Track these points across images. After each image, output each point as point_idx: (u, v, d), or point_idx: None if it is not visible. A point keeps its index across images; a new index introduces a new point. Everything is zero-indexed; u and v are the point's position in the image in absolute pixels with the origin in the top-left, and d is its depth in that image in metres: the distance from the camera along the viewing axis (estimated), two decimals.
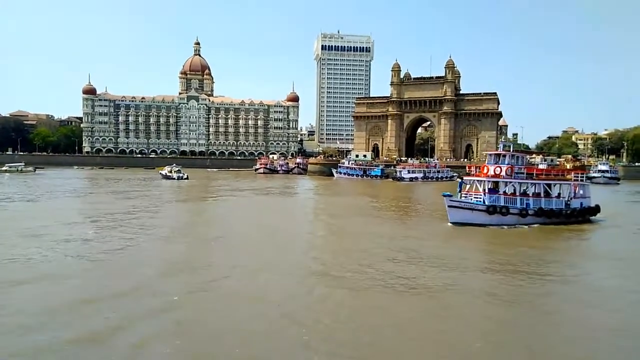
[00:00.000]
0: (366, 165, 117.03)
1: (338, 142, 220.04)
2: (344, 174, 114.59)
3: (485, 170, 34.54)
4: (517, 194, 33.63)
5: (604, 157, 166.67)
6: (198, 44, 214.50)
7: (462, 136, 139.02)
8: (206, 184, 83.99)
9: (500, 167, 33.76)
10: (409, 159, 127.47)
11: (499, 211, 31.75)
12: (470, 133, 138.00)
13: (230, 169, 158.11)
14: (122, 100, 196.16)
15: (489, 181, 33.48)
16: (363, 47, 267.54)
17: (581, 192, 37.41)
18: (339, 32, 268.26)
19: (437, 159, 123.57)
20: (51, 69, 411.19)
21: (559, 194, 35.80)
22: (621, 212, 45.70)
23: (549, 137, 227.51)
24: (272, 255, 22.72)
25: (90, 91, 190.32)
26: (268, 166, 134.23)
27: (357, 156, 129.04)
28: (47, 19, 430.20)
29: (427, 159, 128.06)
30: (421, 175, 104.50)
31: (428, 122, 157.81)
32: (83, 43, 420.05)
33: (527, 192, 34.04)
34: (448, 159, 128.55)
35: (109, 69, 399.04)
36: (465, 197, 33.55)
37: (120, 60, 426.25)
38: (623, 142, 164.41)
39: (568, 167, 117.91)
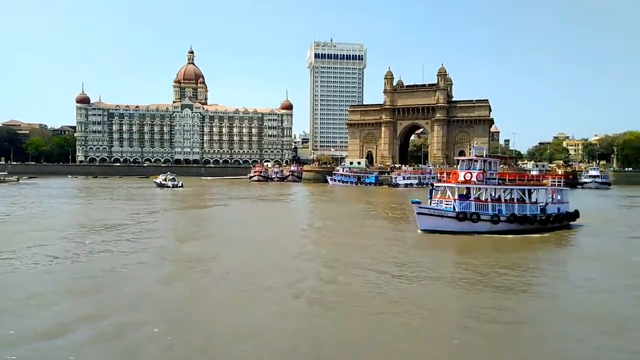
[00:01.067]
0: (360, 173, 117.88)
1: (332, 149, 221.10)
2: (339, 181, 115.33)
3: (456, 176, 33.74)
4: (489, 200, 32.55)
5: (594, 162, 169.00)
6: (192, 52, 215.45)
7: (454, 142, 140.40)
8: (201, 192, 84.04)
9: (470, 173, 32.83)
10: (403, 165, 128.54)
11: (470, 218, 30.79)
12: (462, 139, 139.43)
13: (225, 177, 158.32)
14: (116, 109, 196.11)
15: (459, 187, 32.85)
16: (356, 55, 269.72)
17: (559, 197, 36.50)
18: (332, 40, 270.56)
19: (432, 166, 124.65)
20: (44, 78, 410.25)
21: (535, 199, 34.71)
22: (606, 218, 45.32)
23: (540, 143, 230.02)
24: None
25: (83, 100, 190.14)
26: (262, 174, 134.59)
27: (351, 163, 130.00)
28: (38, 26, 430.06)
29: (420, 165, 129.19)
30: (416, 181, 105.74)
31: (421, 129, 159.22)
32: (76, 52, 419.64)
33: (500, 198, 33.16)
34: (441, 166, 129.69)
35: (103, 78, 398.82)
36: (437, 203, 32.65)
37: (113, 69, 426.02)
38: (613, 148, 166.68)
39: (559, 172, 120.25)
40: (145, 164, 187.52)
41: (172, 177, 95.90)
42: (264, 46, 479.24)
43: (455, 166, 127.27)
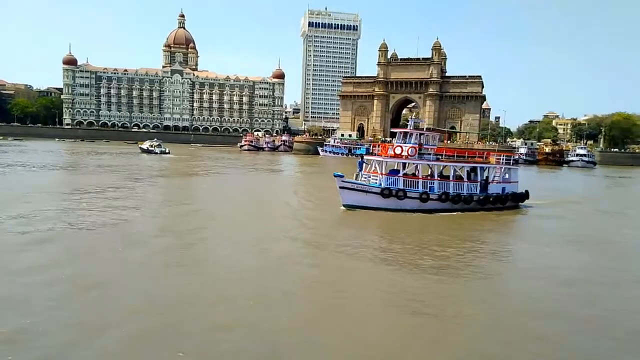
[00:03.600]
0: (351, 145, 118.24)
1: (323, 120, 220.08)
2: (330, 152, 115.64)
3: (385, 150, 31.50)
4: (420, 176, 30.41)
5: (582, 142, 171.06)
6: (183, 16, 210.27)
7: (446, 118, 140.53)
8: (190, 160, 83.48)
9: (401, 147, 30.59)
10: (393, 139, 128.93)
11: (395, 195, 28.71)
12: (454, 115, 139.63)
13: (215, 145, 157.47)
14: (104, 72, 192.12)
15: (387, 162, 30.44)
16: (350, 25, 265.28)
17: (506, 176, 34.28)
18: (326, 9, 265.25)
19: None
20: (29, 37, 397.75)
21: (474, 177, 32.30)
22: (569, 200, 42.36)
23: (530, 121, 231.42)
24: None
25: (70, 61, 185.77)
26: (253, 143, 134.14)
27: (342, 135, 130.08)
28: None
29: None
30: None
31: (413, 104, 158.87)
32: (63, 10, 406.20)
33: (434, 175, 30.95)
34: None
35: (91, 40, 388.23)
36: (366, 178, 30.56)
37: (101, 30, 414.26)
38: (601, 128, 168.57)
39: (547, 150, 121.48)
40: (134, 129, 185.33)
41: (157, 143, 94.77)
42: (257, 12, 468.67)
43: (446, 142, 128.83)
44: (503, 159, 34.89)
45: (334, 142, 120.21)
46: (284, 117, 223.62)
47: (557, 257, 20.00)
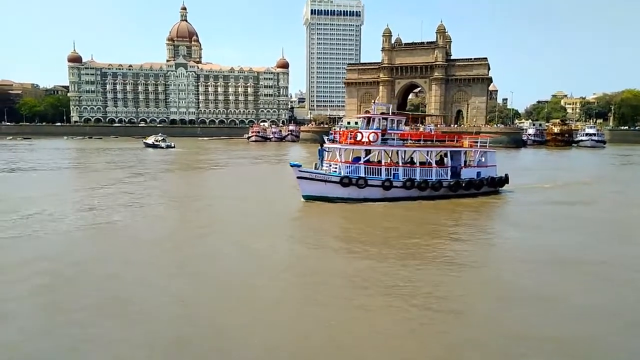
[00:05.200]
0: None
1: (329, 109, 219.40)
2: None
3: (344, 137, 29.62)
4: (383, 163, 28.67)
5: (591, 121, 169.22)
6: (185, 9, 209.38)
7: (452, 102, 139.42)
8: (197, 153, 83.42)
9: (361, 133, 28.82)
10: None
11: (355, 183, 27.17)
12: (460, 99, 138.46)
13: (222, 137, 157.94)
14: (109, 68, 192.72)
15: (346, 149, 28.87)
16: (353, 12, 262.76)
17: (482, 160, 32.43)
18: None
19: (432, 125, 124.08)
20: (34, 37, 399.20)
21: (445, 162, 30.72)
22: (557, 184, 38.99)
23: (538, 102, 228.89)
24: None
25: (75, 59, 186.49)
26: (260, 134, 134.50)
27: (348, 123, 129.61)
28: None
29: (418, 125, 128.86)
30: None
31: (419, 88, 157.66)
32: (66, 9, 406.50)
33: (398, 162, 29.41)
34: (438, 125, 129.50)
35: (94, 37, 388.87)
36: (328, 166, 28.92)
37: (104, 26, 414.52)
38: (610, 106, 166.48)
39: (555, 130, 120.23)
40: (141, 124, 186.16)
41: (162, 137, 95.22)
42: (259, 2, 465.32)
43: (453, 126, 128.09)
44: (479, 142, 33.38)
45: (340, 130, 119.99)
46: (289, 106, 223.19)
47: (501, 251, 18.31)
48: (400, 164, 29.09)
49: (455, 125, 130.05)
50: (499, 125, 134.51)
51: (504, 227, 22.97)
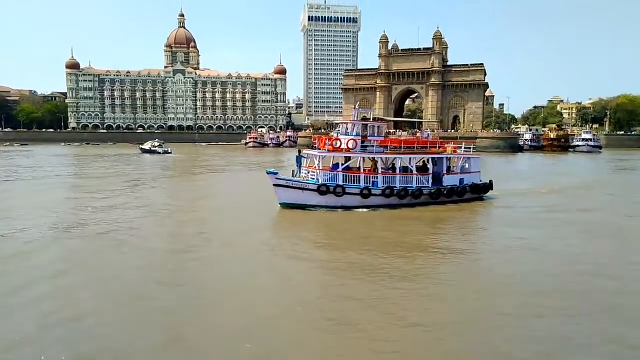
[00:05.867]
0: None
1: (327, 114, 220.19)
2: None
3: (323, 143, 28.59)
4: (362, 170, 28.08)
5: (587, 126, 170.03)
6: (182, 15, 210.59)
7: (449, 107, 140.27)
8: (194, 158, 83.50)
9: (340, 140, 28.04)
10: (398, 131, 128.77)
11: (333, 191, 26.43)
12: (457, 104, 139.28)
13: (220, 143, 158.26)
14: (107, 75, 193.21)
15: (324, 156, 27.94)
16: (350, 18, 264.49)
17: (466, 166, 31.67)
18: (325, 2, 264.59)
19: (430, 131, 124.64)
20: (31, 44, 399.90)
21: (425, 169, 30.02)
22: (545, 190, 37.91)
23: (535, 107, 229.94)
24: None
25: (73, 66, 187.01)
26: (258, 140, 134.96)
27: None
28: None
29: (415, 130, 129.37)
30: None
31: (416, 94, 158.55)
32: (64, 15, 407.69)
33: (377, 169, 28.33)
34: (435, 131, 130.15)
35: (92, 43, 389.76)
36: (307, 174, 28.15)
37: (102, 33, 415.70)
38: (606, 111, 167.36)
39: (552, 136, 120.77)
40: (139, 131, 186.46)
41: (159, 143, 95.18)
42: (257, 8, 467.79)
43: (450, 131, 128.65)
44: (463, 148, 32.51)
45: (337, 135, 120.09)
46: (287, 112, 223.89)
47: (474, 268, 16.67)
48: (380, 172, 28.12)
49: (453, 131, 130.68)
50: (495, 130, 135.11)
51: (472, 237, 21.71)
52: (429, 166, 29.92)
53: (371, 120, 30.39)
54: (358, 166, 28.67)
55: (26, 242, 18.81)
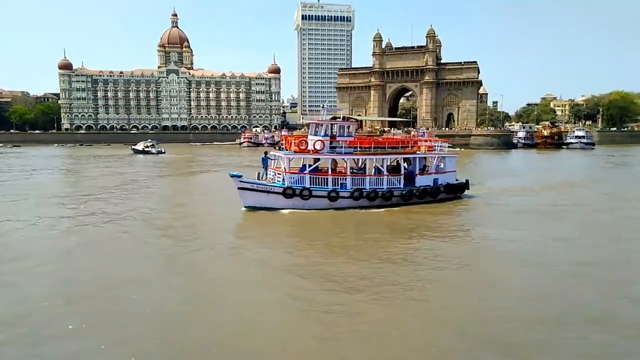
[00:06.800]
0: None
1: None
2: None
3: (289, 144, 27.71)
4: (330, 172, 27.02)
5: (580, 123, 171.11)
6: (175, 15, 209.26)
7: (443, 105, 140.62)
8: (187, 158, 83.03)
9: (305, 141, 27.02)
10: (392, 129, 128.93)
11: (300, 194, 25.57)
12: (451, 102, 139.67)
13: (214, 143, 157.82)
14: (100, 75, 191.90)
15: (290, 157, 26.86)
16: (344, 17, 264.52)
17: (440, 165, 30.95)
18: (319, 1, 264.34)
19: (425, 129, 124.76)
20: (24, 43, 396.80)
21: (399, 169, 29.22)
22: (527, 187, 37.71)
23: (528, 104, 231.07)
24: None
25: (66, 66, 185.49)
26: (252, 140, 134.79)
27: None
28: None
29: (409, 129, 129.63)
30: None
31: (410, 92, 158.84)
32: (56, 16, 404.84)
33: (345, 170, 27.43)
34: (430, 128, 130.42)
35: (85, 44, 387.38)
36: (273, 175, 27.46)
37: (95, 34, 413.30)
38: (599, 108, 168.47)
39: (545, 133, 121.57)
40: (132, 131, 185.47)
41: (151, 143, 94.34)
42: (250, 8, 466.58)
43: (445, 129, 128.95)
44: (438, 147, 31.60)
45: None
46: (281, 112, 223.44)
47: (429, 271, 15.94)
48: (348, 173, 27.20)
49: (447, 129, 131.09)
50: (489, 128, 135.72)
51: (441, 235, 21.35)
52: (404, 166, 29.31)
53: (341, 119, 29.33)
54: (315, 167, 27.25)
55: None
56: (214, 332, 11.18)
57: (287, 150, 27.53)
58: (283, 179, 26.28)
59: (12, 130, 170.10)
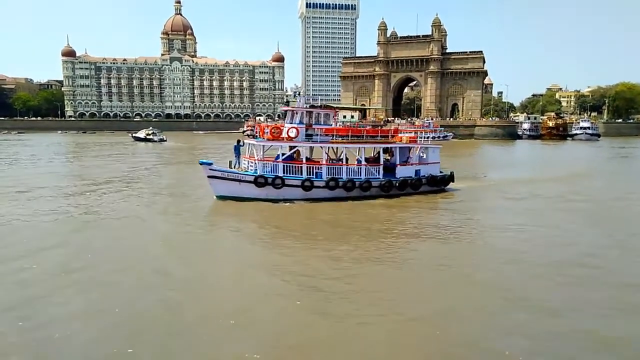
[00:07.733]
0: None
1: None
2: None
3: (262, 132, 27.02)
4: (304, 161, 26.27)
5: (585, 114, 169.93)
6: (179, 2, 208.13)
7: (447, 95, 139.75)
8: (190, 146, 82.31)
9: (279, 129, 26.43)
10: (396, 119, 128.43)
11: (272, 183, 25.02)
12: (456, 92, 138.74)
13: (218, 131, 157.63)
14: (104, 63, 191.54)
15: (262, 145, 26.26)
16: (348, 5, 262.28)
17: (423, 156, 30.07)
18: None
19: (430, 119, 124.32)
20: (27, 30, 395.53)
21: (376, 160, 28.45)
22: (514, 180, 36.48)
23: (533, 95, 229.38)
24: None
25: (69, 53, 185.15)
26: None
27: (344, 117, 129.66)
28: None
29: (413, 118, 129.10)
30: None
31: (414, 82, 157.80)
32: (60, 2, 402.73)
33: (321, 160, 26.70)
34: (434, 119, 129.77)
35: (88, 30, 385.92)
36: (247, 164, 27.01)
37: (99, 20, 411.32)
38: (605, 99, 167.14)
39: (550, 124, 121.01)
40: (136, 119, 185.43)
41: (153, 131, 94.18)
42: None
43: (449, 119, 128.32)
44: (421, 137, 30.67)
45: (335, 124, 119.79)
46: (285, 100, 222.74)
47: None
48: (324, 162, 26.42)
49: (451, 119, 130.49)
50: (494, 118, 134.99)
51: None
52: (384, 156, 28.39)
53: (319, 107, 28.57)
54: (289, 156, 26.49)
55: None
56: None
57: (260, 138, 26.71)
58: (255, 167, 25.76)
59: (15, 118, 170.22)
